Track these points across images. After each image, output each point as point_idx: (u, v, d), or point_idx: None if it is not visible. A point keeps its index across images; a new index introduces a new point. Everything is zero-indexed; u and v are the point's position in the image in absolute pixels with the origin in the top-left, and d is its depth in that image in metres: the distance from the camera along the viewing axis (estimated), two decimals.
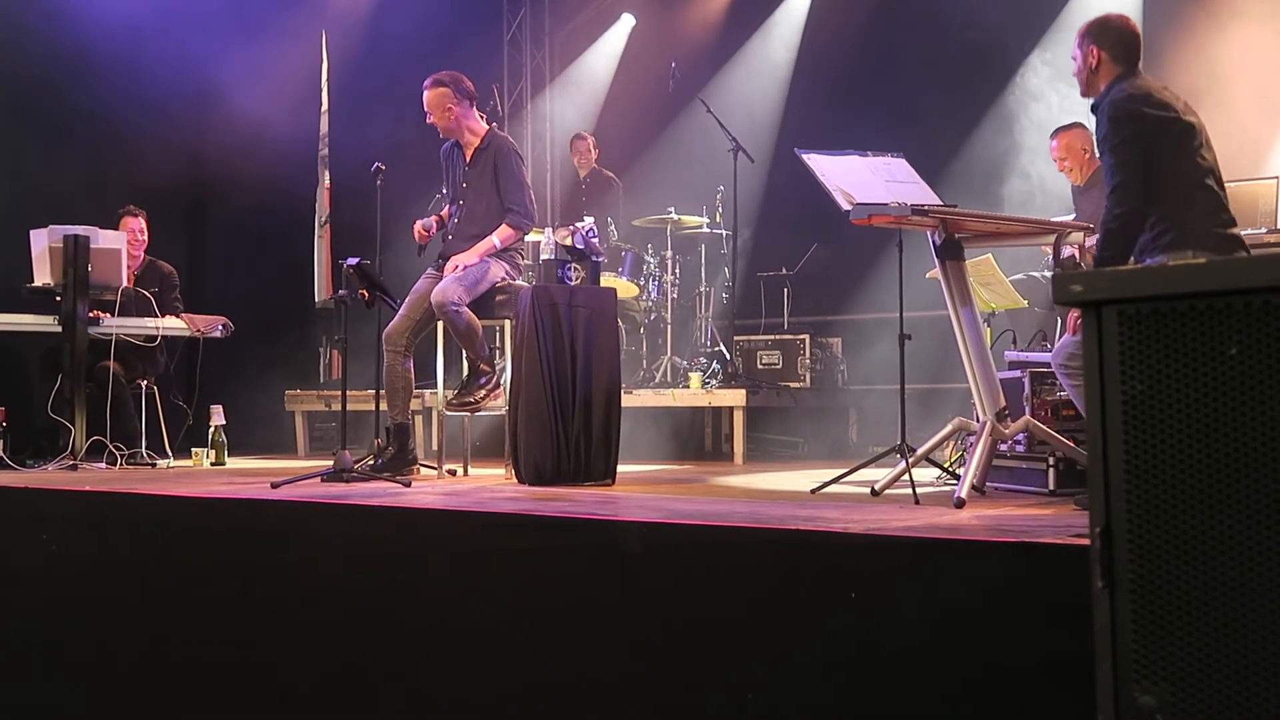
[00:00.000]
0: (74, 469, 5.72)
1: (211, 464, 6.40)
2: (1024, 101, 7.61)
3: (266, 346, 7.94)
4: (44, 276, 5.98)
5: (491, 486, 4.86)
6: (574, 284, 5.11)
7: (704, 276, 8.05)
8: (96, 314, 6.08)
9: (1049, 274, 5.87)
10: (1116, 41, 3.87)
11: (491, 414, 5.72)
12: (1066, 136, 5.92)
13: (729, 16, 9.58)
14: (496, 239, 5.43)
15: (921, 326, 4.95)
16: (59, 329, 5.95)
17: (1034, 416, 4.29)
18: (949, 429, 4.34)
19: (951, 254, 4.25)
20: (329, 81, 8.41)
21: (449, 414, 5.58)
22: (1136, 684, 1.68)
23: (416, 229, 5.63)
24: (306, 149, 8.37)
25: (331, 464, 4.86)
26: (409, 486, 4.74)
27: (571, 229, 5.52)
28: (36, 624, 4.27)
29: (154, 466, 6.16)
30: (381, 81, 8.44)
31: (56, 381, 5.94)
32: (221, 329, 6.56)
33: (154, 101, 7.40)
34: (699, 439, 7.77)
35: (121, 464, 6.01)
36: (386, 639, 3.51)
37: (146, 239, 6.82)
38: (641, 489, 4.78)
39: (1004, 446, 4.42)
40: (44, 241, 5.95)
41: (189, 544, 4.10)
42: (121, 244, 6.19)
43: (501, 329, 5.66)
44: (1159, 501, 1.67)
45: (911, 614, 2.66)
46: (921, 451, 4.27)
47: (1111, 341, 1.70)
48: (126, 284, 6.23)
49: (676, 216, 7.83)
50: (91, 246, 5.97)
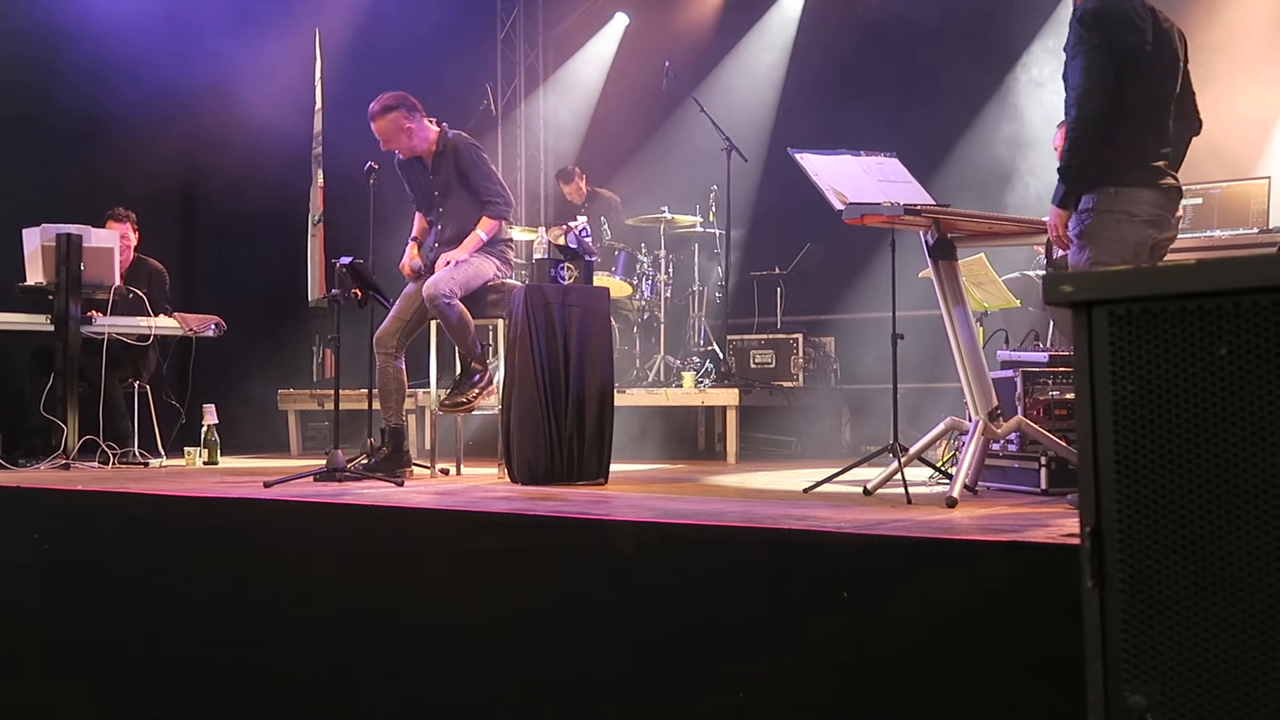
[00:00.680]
0: (66, 468, 5.71)
1: (204, 463, 6.40)
2: (1022, 98, 7.60)
3: (259, 345, 7.94)
4: (36, 275, 5.97)
5: (484, 486, 4.86)
6: (567, 283, 5.11)
7: (697, 276, 8.05)
8: (92, 314, 6.08)
9: (1041, 274, 5.88)
10: None
11: (484, 413, 5.72)
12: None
13: (722, 15, 9.59)
14: (481, 232, 5.43)
15: (914, 326, 4.94)
16: (51, 328, 5.95)
17: (1026, 416, 4.29)
18: (941, 428, 4.34)
19: (944, 253, 4.26)
20: (322, 80, 8.40)
21: (441, 415, 5.57)
22: (1126, 683, 1.68)
23: (405, 271, 5.60)
24: (300, 147, 8.36)
25: (324, 463, 4.86)
26: (402, 486, 4.74)
27: (565, 228, 5.52)
28: (28, 623, 4.26)
29: (146, 466, 6.16)
30: (375, 80, 8.41)
31: (49, 380, 5.93)
32: (214, 328, 6.56)
33: (146, 100, 7.38)
34: (692, 438, 7.78)
35: (114, 463, 6.01)
36: (379, 638, 3.51)
37: (135, 240, 6.76)
38: (634, 488, 4.78)
39: (996, 446, 4.43)
40: (36, 240, 5.94)
41: (181, 543, 4.09)
42: (114, 243, 6.18)
43: (494, 328, 5.66)
44: (1149, 501, 1.68)
45: (904, 613, 2.66)
46: (914, 451, 4.27)
47: (1102, 342, 1.71)
48: (121, 273, 6.23)
49: (670, 215, 7.84)
50: (84, 245, 5.96)
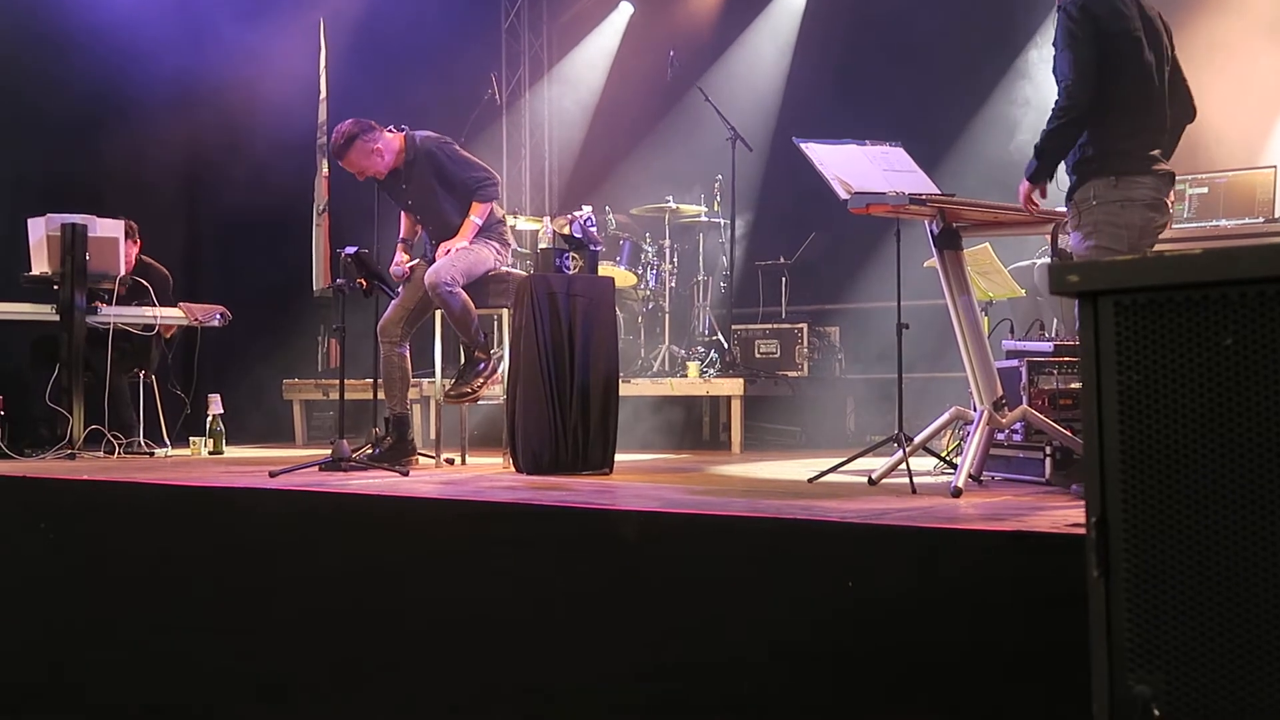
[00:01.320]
0: (72, 458, 5.72)
1: (209, 453, 6.41)
2: (1030, 86, 7.57)
3: (264, 335, 7.94)
4: (41, 265, 5.97)
5: (489, 475, 4.87)
6: (572, 273, 5.10)
7: (702, 265, 8.04)
8: (97, 305, 6.08)
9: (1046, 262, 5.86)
10: None
11: (489, 403, 5.72)
12: None
13: (727, 4, 9.56)
14: (475, 218, 5.42)
15: (919, 315, 4.94)
16: (56, 318, 5.95)
17: (1031, 405, 4.29)
18: (946, 418, 4.34)
19: (949, 243, 4.25)
20: (327, 69, 8.39)
21: (446, 405, 5.58)
22: (1131, 673, 1.68)
23: (396, 277, 5.56)
24: (304, 137, 8.35)
25: (329, 453, 4.87)
26: (407, 475, 4.75)
27: (569, 218, 5.51)
28: (34, 613, 4.27)
29: (152, 455, 6.17)
30: (380, 70, 8.43)
31: (52, 370, 5.93)
32: (219, 318, 6.56)
33: (151, 90, 7.38)
34: (696, 428, 7.78)
35: (119, 453, 6.02)
36: (384, 627, 3.52)
37: (138, 248, 6.63)
38: (639, 478, 4.78)
39: (1001, 435, 4.43)
40: (42, 230, 5.94)
41: (186, 533, 4.10)
42: (119, 232, 6.17)
43: (499, 318, 5.66)
44: (1155, 491, 1.68)
45: (908, 602, 2.66)
46: (919, 440, 4.27)
47: (1108, 332, 1.71)
48: (124, 273, 6.22)
49: (674, 205, 7.83)
50: (89, 235, 5.96)
